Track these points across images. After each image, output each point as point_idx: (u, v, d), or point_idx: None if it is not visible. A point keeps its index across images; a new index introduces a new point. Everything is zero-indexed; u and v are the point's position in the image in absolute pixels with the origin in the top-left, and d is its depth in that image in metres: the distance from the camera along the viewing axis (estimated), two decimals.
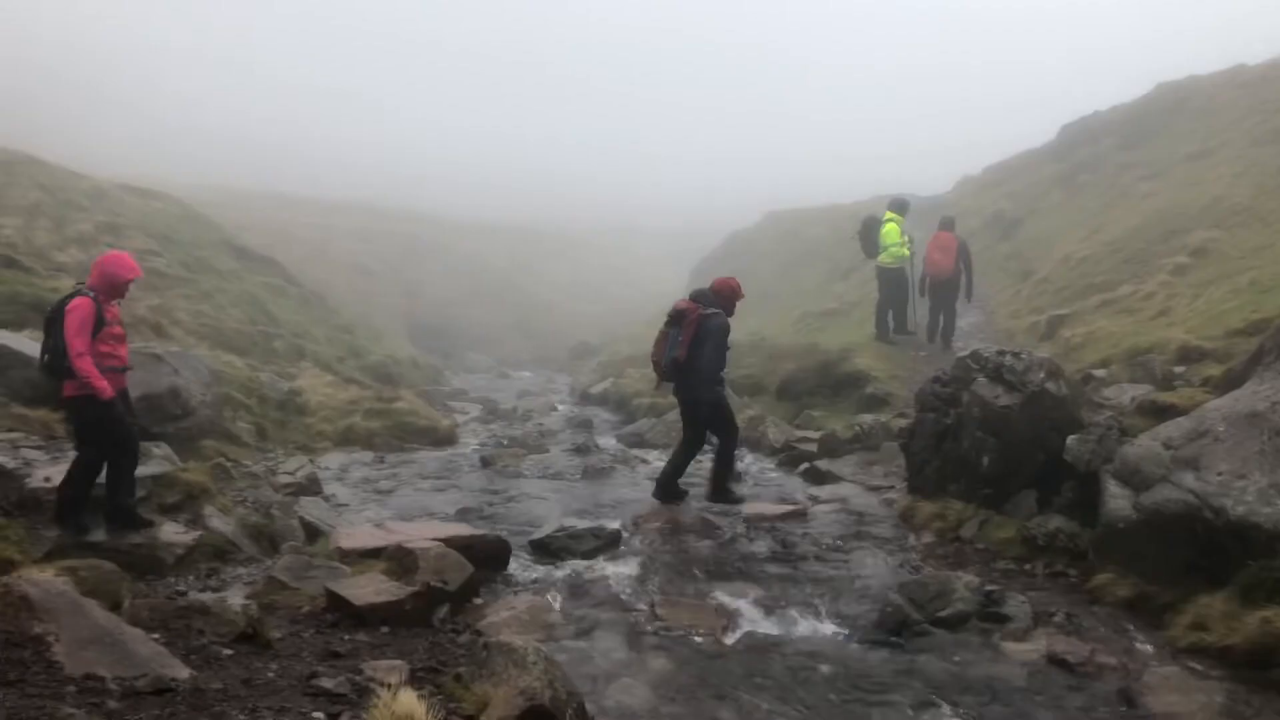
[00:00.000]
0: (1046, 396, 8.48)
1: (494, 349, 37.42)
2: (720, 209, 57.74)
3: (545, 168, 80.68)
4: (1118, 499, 7.01)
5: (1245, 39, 35.42)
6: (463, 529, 7.99)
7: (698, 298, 9.60)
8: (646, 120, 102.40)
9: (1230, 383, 8.04)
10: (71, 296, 7.07)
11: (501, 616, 6.53)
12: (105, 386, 6.95)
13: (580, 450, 13.42)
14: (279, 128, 79.01)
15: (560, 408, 20.80)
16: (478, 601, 6.91)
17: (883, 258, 16.34)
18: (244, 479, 9.90)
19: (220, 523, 7.95)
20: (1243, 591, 5.92)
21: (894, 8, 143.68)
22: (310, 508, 9.03)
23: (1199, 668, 5.70)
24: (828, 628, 6.67)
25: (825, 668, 5.91)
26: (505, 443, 14.32)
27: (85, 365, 6.87)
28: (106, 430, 7.15)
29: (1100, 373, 10.82)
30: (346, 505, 10.01)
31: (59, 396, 7.35)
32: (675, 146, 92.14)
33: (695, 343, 9.25)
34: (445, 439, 14.96)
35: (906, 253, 16.35)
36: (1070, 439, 8.04)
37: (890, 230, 16.20)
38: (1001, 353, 9.04)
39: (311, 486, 10.18)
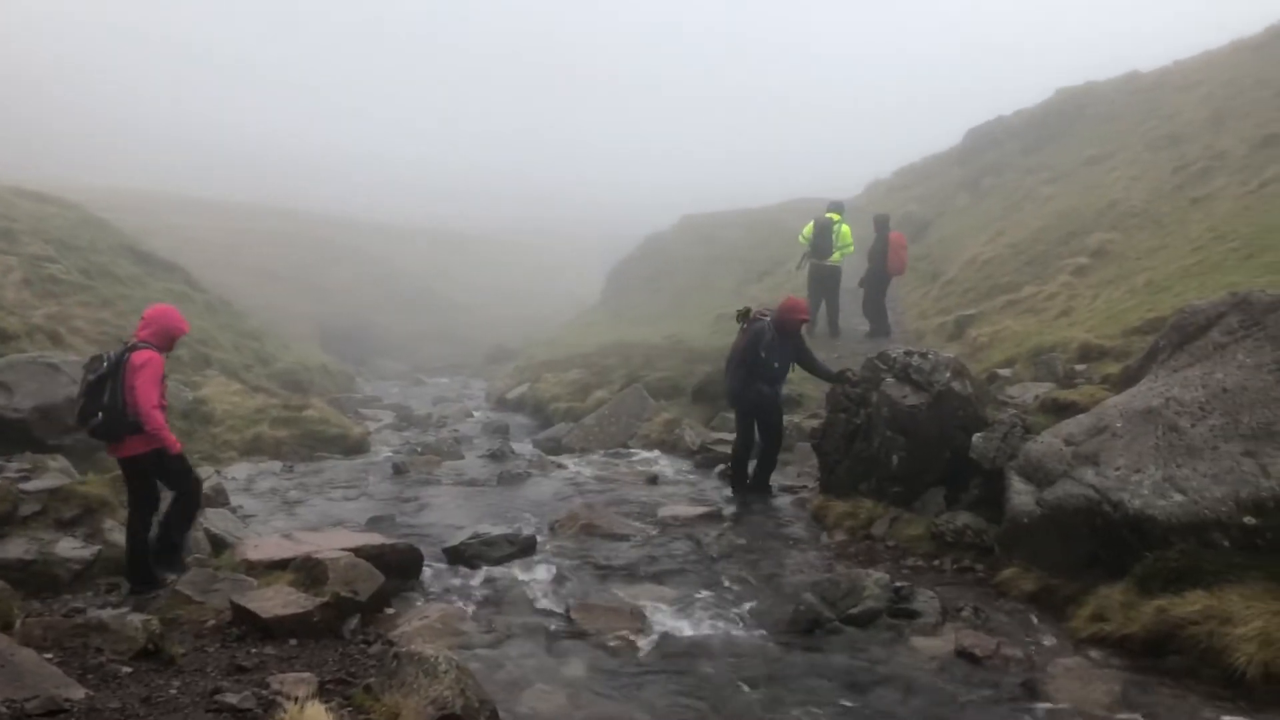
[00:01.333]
0: (953, 395, 8.65)
1: (408, 355, 36.87)
2: (640, 207, 58.02)
3: (461, 167, 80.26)
4: (1022, 495, 7.19)
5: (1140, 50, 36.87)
6: (373, 538, 7.83)
7: (766, 309, 10.42)
8: (565, 118, 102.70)
9: (1128, 380, 8.28)
10: (129, 351, 6.89)
11: (413, 626, 6.45)
12: (174, 440, 7.03)
13: (496, 456, 13.31)
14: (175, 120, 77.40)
15: (476, 414, 20.61)
16: (389, 611, 6.81)
17: (836, 256, 17.17)
18: None
19: (121, 536, 7.66)
20: (1140, 582, 6.11)
21: (809, 9, 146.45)
22: (216, 519, 8.78)
23: (1099, 657, 5.87)
24: (742, 628, 6.70)
25: (739, 668, 5.94)
26: (419, 450, 14.14)
27: (160, 419, 6.87)
28: (180, 475, 7.27)
29: (1005, 371, 11.08)
30: (254, 516, 9.78)
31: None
32: (595, 145, 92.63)
33: (746, 345, 10.09)
34: (357, 447, 14.75)
35: (853, 250, 17.49)
36: (976, 437, 8.22)
37: (846, 230, 17.17)
38: (909, 353, 9.21)
39: (217, 498, 9.89)
